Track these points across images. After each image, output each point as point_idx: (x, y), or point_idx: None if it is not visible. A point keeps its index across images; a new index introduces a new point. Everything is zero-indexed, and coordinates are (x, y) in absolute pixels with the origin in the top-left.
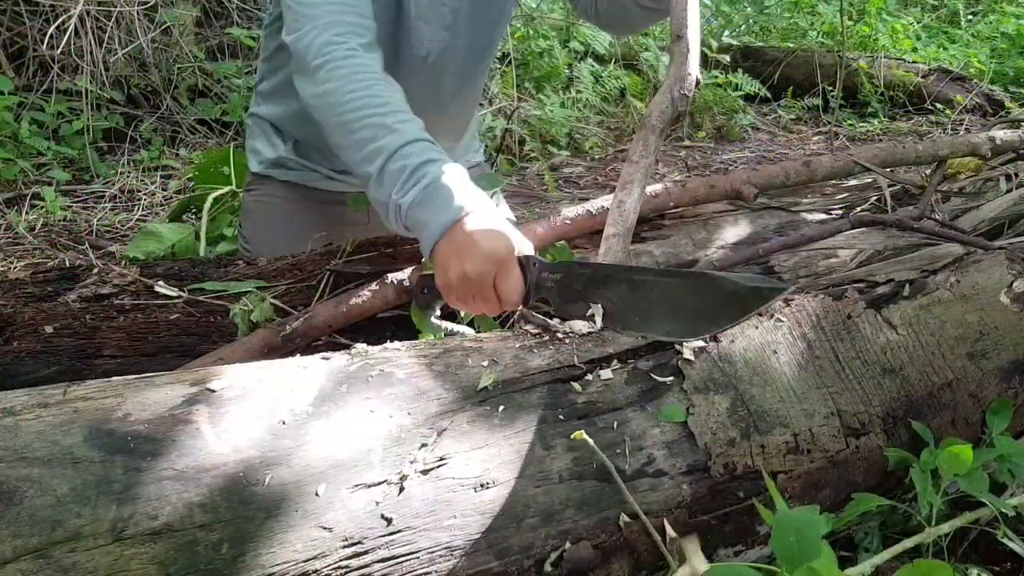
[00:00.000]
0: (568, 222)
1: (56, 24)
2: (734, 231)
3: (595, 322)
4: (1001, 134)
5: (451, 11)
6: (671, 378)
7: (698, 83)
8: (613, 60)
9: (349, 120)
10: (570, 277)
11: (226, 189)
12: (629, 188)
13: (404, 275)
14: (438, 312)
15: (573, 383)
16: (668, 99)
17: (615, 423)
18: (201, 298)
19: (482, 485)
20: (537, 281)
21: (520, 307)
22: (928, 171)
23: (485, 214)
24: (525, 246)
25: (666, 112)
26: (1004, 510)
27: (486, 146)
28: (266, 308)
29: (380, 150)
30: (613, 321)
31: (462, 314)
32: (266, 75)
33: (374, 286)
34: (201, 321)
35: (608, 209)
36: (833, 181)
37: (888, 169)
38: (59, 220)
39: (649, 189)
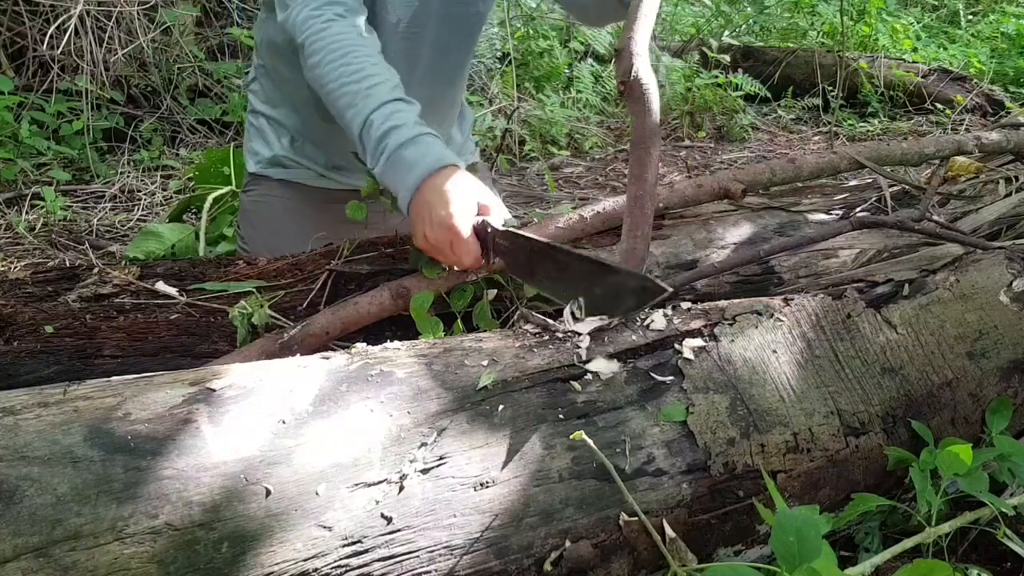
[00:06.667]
0: (561, 227)
1: (56, 24)
2: (734, 231)
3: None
4: (987, 134)
5: None
6: (671, 377)
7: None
8: (613, 60)
9: (331, 90)
10: (516, 247)
11: (226, 189)
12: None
13: (403, 283)
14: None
15: (573, 382)
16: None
17: (615, 422)
18: (201, 298)
19: (482, 484)
20: (493, 246)
21: (483, 264)
22: (927, 173)
23: (438, 181)
24: (486, 203)
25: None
26: (1004, 510)
27: (484, 147)
28: (264, 314)
29: (355, 116)
30: (547, 289)
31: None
32: (256, 71)
33: (373, 295)
34: (201, 321)
35: (600, 213)
36: (833, 181)
37: (882, 167)
38: (59, 220)
39: None
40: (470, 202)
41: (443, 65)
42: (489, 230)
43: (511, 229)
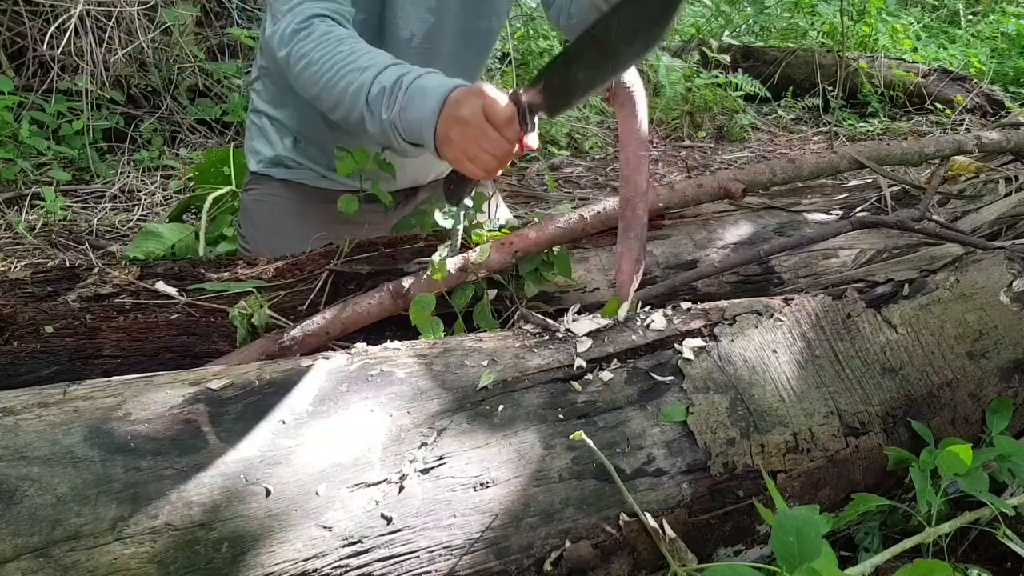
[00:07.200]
0: (560, 227)
1: (56, 24)
2: (734, 231)
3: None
4: (987, 133)
5: None
6: (671, 377)
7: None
8: None
9: (328, 79)
10: (550, 79)
11: (226, 189)
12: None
13: (403, 283)
14: (469, 202)
15: (573, 382)
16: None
17: (615, 422)
18: (201, 298)
19: (482, 484)
20: (528, 102)
21: (524, 139)
22: (927, 173)
23: (466, 89)
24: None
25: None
26: (1004, 510)
27: None
28: (264, 314)
29: (360, 87)
30: (595, 81)
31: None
32: (260, 71)
33: (372, 295)
34: (201, 321)
35: (600, 213)
36: (833, 181)
37: (882, 167)
38: (59, 220)
39: None
40: (496, 88)
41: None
42: (521, 92)
43: (536, 76)
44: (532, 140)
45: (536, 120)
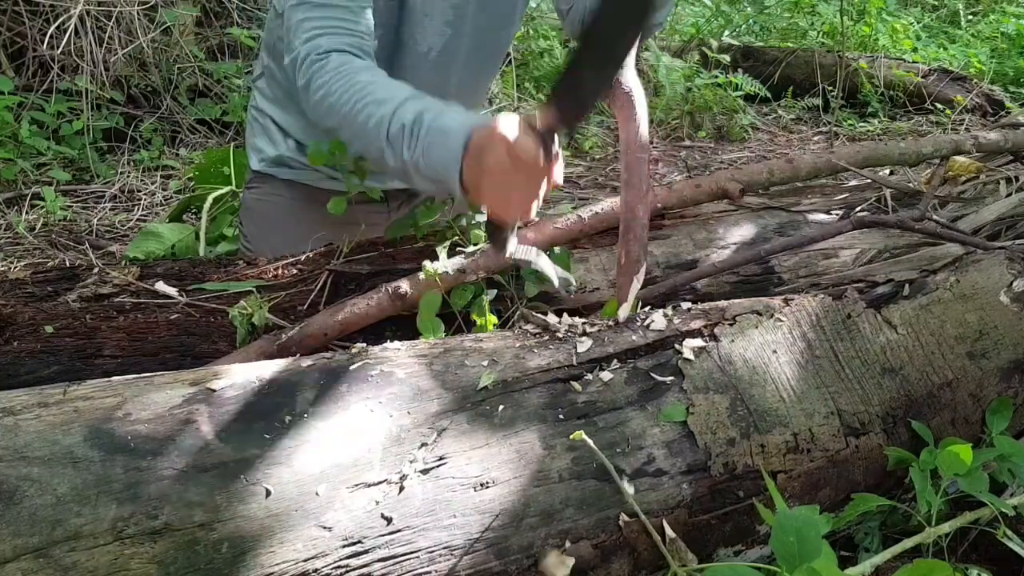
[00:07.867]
0: (559, 228)
1: (56, 24)
2: (735, 231)
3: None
4: (986, 133)
5: (452, 7)
6: (671, 378)
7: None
8: None
9: (346, 113)
10: (557, 92)
11: (226, 189)
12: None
13: (401, 284)
14: (515, 242)
15: (573, 383)
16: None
17: (615, 422)
18: (201, 298)
19: (482, 484)
20: (547, 127)
21: (549, 164)
22: (927, 173)
23: (483, 128)
24: (527, 118)
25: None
26: (1004, 510)
27: None
28: (263, 314)
29: (379, 123)
30: (600, 80)
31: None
32: (264, 71)
33: (371, 296)
34: (201, 321)
35: (598, 214)
36: (833, 181)
37: (874, 170)
38: (59, 220)
39: None
40: (514, 119)
41: (471, 89)
42: (537, 120)
43: (546, 100)
44: (558, 175)
45: (559, 150)
